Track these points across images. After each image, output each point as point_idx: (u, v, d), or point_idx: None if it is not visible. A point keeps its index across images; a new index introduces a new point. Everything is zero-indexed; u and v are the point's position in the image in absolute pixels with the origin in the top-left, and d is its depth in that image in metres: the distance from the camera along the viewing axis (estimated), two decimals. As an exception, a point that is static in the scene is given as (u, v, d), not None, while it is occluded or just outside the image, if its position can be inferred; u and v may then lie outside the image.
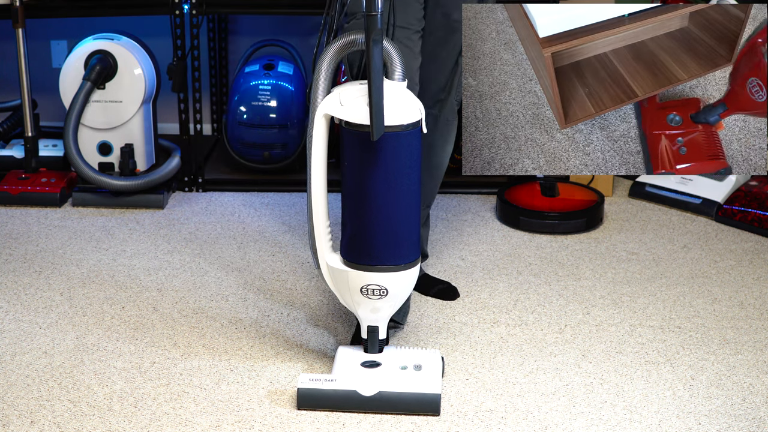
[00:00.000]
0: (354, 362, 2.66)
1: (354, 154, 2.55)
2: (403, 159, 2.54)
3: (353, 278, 2.61)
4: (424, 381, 2.58)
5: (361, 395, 2.55)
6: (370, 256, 2.59)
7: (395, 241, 2.59)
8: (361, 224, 2.59)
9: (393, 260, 2.60)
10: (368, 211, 2.57)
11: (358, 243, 2.60)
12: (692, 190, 4.03)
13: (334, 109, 2.53)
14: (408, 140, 2.53)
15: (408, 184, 2.57)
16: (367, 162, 2.53)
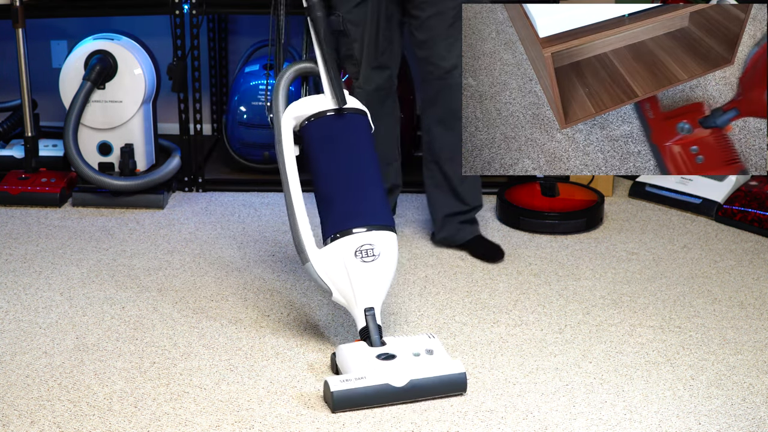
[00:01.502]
0: (368, 357, 2.67)
1: (322, 141, 2.90)
2: (362, 135, 2.93)
3: (344, 245, 2.76)
4: (446, 363, 2.66)
5: (394, 387, 2.59)
6: (353, 219, 2.79)
7: (372, 204, 2.85)
8: (339, 196, 2.84)
9: (374, 220, 2.81)
10: (342, 180, 2.86)
11: (340, 214, 2.81)
12: (692, 190, 4.03)
13: (298, 110, 2.93)
14: (362, 121, 2.95)
15: (370, 159, 2.91)
16: (334, 139, 2.90)
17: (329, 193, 2.87)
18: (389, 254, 2.80)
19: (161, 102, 4.23)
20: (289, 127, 2.92)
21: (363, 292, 2.76)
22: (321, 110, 2.91)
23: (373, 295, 2.77)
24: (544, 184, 3.97)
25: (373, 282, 2.77)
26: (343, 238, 2.78)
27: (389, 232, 2.82)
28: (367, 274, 2.76)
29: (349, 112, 2.93)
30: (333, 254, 2.78)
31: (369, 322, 2.74)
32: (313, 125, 2.91)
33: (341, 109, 2.91)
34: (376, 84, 3.36)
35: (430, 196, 3.61)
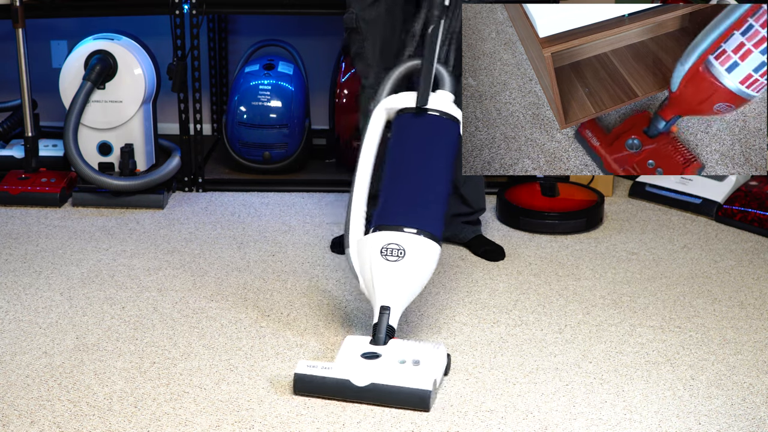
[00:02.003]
0: (355, 352, 2.69)
1: (399, 134, 2.92)
2: (439, 139, 2.92)
3: (375, 239, 2.78)
4: (417, 376, 2.61)
5: (354, 385, 2.60)
6: (395, 216, 2.81)
7: (420, 208, 2.83)
8: (393, 190, 2.87)
9: (413, 223, 2.79)
10: (400, 178, 2.88)
11: (387, 208, 2.84)
12: (692, 190, 4.03)
13: (391, 103, 2.95)
14: (445, 126, 2.93)
15: (439, 164, 2.90)
16: (408, 136, 2.92)
17: (386, 186, 2.89)
18: (418, 260, 2.76)
19: (161, 102, 4.23)
20: (380, 116, 2.95)
21: (381, 290, 2.76)
22: (406, 107, 2.93)
23: (391, 295, 2.75)
24: (544, 184, 3.97)
25: (392, 282, 2.75)
26: (377, 232, 2.80)
27: (425, 239, 2.79)
28: (387, 272, 2.75)
29: (436, 115, 2.92)
30: (365, 246, 2.81)
31: (381, 320, 2.74)
32: (397, 119, 2.94)
33: (425, 110, 2.91)
34: None
35: None
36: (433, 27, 2.94)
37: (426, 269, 2.79)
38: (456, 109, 2.97)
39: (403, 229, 2.78)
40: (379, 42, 3.31)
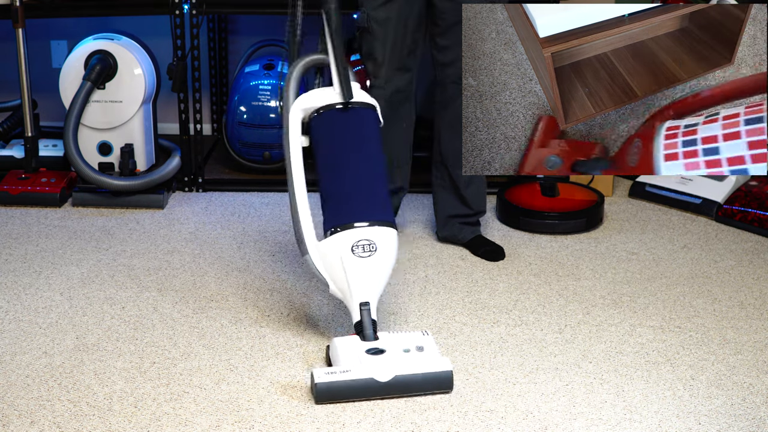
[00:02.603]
0: (357, 351, 2.69)
1: (328, 133, 2.91)
2: (368, 130, 2.92)
3: (343, 239, 2.77)
4: (433, 360, 2.66)
5: (379, 381, 2.61)
6: (353, 213, 2.81)
7: (373, 199, 2.85)
8: (342, 190, 2.85)
9: (375, 215, 2.81)
10: (346, 174, 2.87)
11: (342, 208, 2.83)
12: (692, 190, 4.03)
13: (306, 103, 2.93)
14: (369, 115, 2.94)
15: (375, 154, 2.91)
16: (339, 132, 2.91)
17: (330, 186, 2.88)
18: (387, 250, 2.80)
19: (161, 102, 4.23)
20: (297, 119, 2.93)
21: (358, 287, 2.77)
22: (327, 103, 2.91)
23: (369, 289, 2.78)
24: (544, 184, 3.97)
25: (369, 277, 2.77)
26: (341, 232, 2.78)
27: (388, 228, 2.82)
28: (363, 269, 2.76)
29: (357, 106, 2.92)
30: (331, 248, 2.79)
31: (363, 317, 2.75)
32: (319, 118, 2.92)
33: (348, 103, 2.90)
34: (396, 86, 3.38)
35: (436, 196, 3.63)
36: (335, 18, 2.91)
37: (394, 256, 2.83)
38: (368, 96, 2.97)
39: (368, 224, 2.78)
40: (389, 42, 3.31)
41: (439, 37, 3.38)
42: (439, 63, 3.43)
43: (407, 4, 3.29)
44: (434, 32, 3.39)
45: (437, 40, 3.39)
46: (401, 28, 3.31)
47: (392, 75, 3.36)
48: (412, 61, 3.40)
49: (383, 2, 3.28)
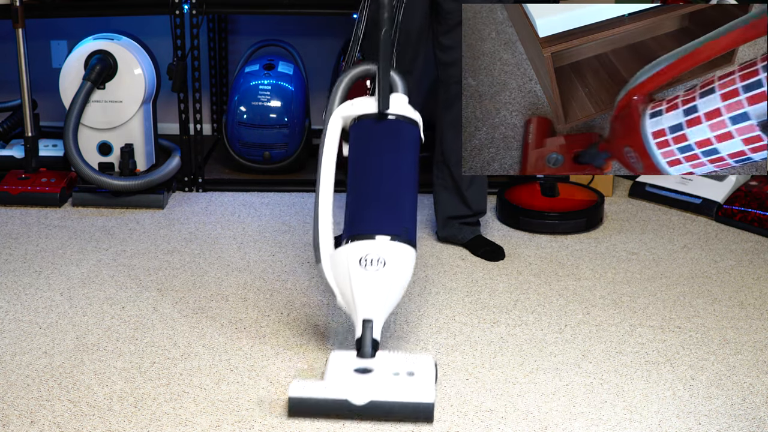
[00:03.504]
0: (346, 368, 2.59)
1: (359, 141, 2.85)
2: (402, 143, 2.85)
3: (353, 250, 2.68)
4: (417, 389, 2.52)
5: (353, 404, 2.50)
6: (369, 224, 2.72)
7: (393, 212, 2.75)
8: (363, 198, 2.78)
9: (391, 230, 2.70)
10: (368, 184, 2.79)
11: (359, 217, 2.74)
12: (692, 190, 4.03)
13: (346, 110, 2.87)
14: (407, 129, 2.86)
15: (405, 168, 2.83)
16: (370, 142, 2.84)
17: (353, 195, 2.80)
18: (398, 267, 2.67)
19: (161, 102, 4.23)
20: (336, 126, 2.87)
21: (363, 302, 2.65)
22: (365, 113, 2.85)
23: (374, 306, 2.65)
24: (544, 184, 3.98)
25: (375, 293, 2.65)
26: (352, 242, 2.69)
27: (403, 245, 2.70)
28: (369, 283, 2.64)
29: (397, 119, 2.84)
30: (341, 258, 2.70)
31: (364, 334, 2.62)
32: (355, 126, 2.86)
33: (385, 114, 2.83)
34: None
35: (437, 196, 3.63)
36: (385, 30, 2.81)
37: (406, 276, 2.70)
38: (413, 111, 2.89)
39: (380, 237, 2.68)
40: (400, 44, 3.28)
41: (443, 37, 3.38)
42: (443, 63, 3.43)
43: (413, 5, 3.29)
44: (438, 32, 3.39)
45: (441, 39, 3.39)
46: (407, 31, 3.30)
47: None
48: (415, 65, 3.40)
49: None
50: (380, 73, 2.83)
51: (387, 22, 2.81)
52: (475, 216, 3.62)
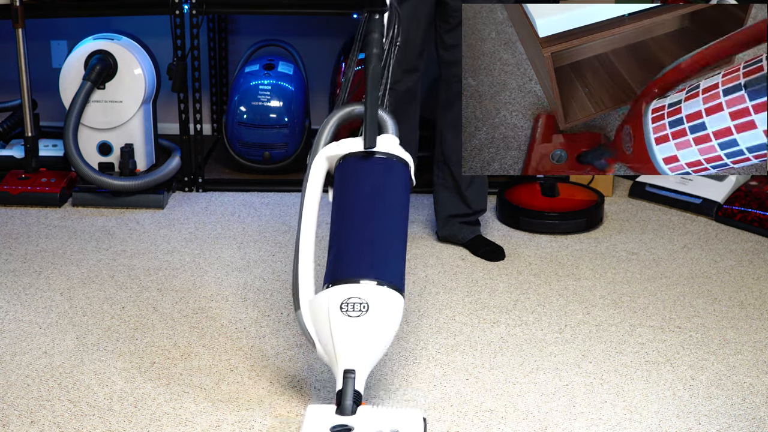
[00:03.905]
0: (324, 426, 2.34)
1: (343, 181, 2.65)
2: (390, 182, 2.65)
3: (332, 295, 2.45)
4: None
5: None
6: (352, 268, 2.50)
7: (378, 257, 2.54)
8: (347, 240, 2.56)
9: (375, 274, 2.48)
10: (352, 226, 2.58)
11: (342, 260, 2.53)
12: (692, 190, 4.03)
13: (332, 150, 2.67)
14: (396, 168, 2.66)
15: (393, 209, 2.63)
16: (356, 180, 2.64)
17: (335, 237, 2.59)
18: (383, 314, 2.44)
19: (161, 102, 4.23)
20: (320, 167, 2.68)
21: (344, 350, 2.42)
22: (351, 151, 2.65)
23: (355, 355, 2.41)
24: (544, 184, 3.98)
25: (357, 340, 2.42)
26: (333, 287, 2.46)
27: (389, 290, 2.46)
28: (350, 330, 2.41)
29: (385, 157, 2.64)
30: (321, 303, 2.47)
31: (345, 386, 2.39)
32: (341, 165, 2.66)
33: (372, 152, 2.63)
34: (406, 86, 3.37)
35: (437, 195, 3.63)
36: (373, 66, 2.70)
37: (392, 324, 2.46)
38: (405, 153, 2.69)
39: (364, 282, 2.45)
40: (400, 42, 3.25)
41: (447, 35, 3.38)
42: (445, 61, 3.43)
43: (419, 5, 3.29)
44: (442, 30, 3.39)
45: (445, 38, 3.39)
46: (412, 30, 3.30)
47: (402, 76, 3.35)
48: (421, 62, 3.40)
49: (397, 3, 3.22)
50: (367, 107, 2.65)
51: (375, 59, 2.71)
52: (475, 215, 3.62)
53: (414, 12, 3.29)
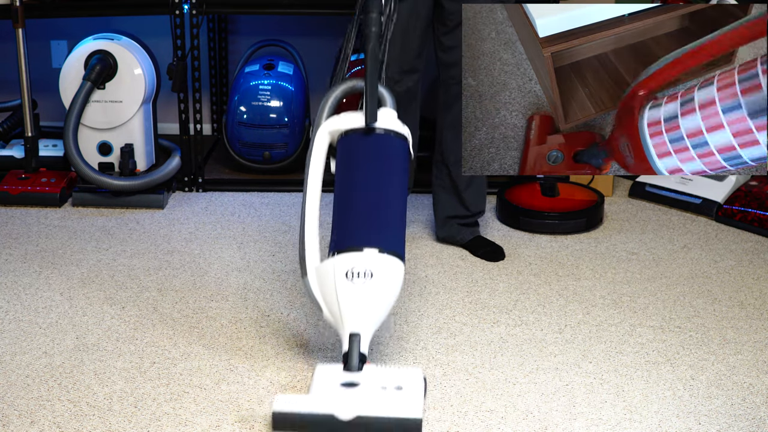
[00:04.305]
0: (332, 382, 2.51)
1: (346, 155, 2.80)
2: (390, 156, 2.80)
3: (339, 263, 2.62)
4: (405, 404, 2.44)
5: (339, 419, 2.42)
6: (356, 237, 2.67)
7: (380, 227, 2.71)
8: (350, 212, 2.73)
9: (378, 243, 2.65)
10: (355, 197, 2.74)
11: (346, 230, 2.70)
12: (692, 190, 4.03)
13: (334, 125, 2.83)
14: (396, 143, 2.81)
15: (393, 182, 2.78)
16: (358, 156, 2.79)
17: (340, 208, 2.75)
18: (386, 280, 2.61)
19: (161, 102, 4.23)
20: (323, 140, 2.83)
21: (349, 315, 2.59)
22: (352, 127, 2.80)
23: (361, 320, 2.59)
24: (544, 184, 3.98)
25: (362, 306, 2.59)
26: (338, 255, 2.64)
27: (392, 258, 2.64)
28: (356, 296, 2.59)
29: (385, 132, 2.79)
30: (327, 270, 2.64)
31: (351, 347, 2.56)
32: (343, 140, 2.81)
33: (373, 128, 2.78)
34: (405, 86, 3.37)
35: (436, 196, 3.63)
36: (372, 45, 2.81)
37: (394, 289, 2.64)
38: (403, 126, 2.84)
39: (368, 250, 2.63)
40: (398, 43, 3.30)
41: (445, 37, 3.38)
42: (444, 63, 3.43)
43: (417, 6, 3.29)
44: (440, 32, 3.39)
45: (443, 40, 3.39)
46: (410, 30, 3.30)
47: (401, 76, 3.35)
48: (420, 62, 3.40)
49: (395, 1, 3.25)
50: (367, 86, 2.78)
51: (374, 37, 2.81)
52: (473, 217, 3.62)
53: (412, 12, 3.29)
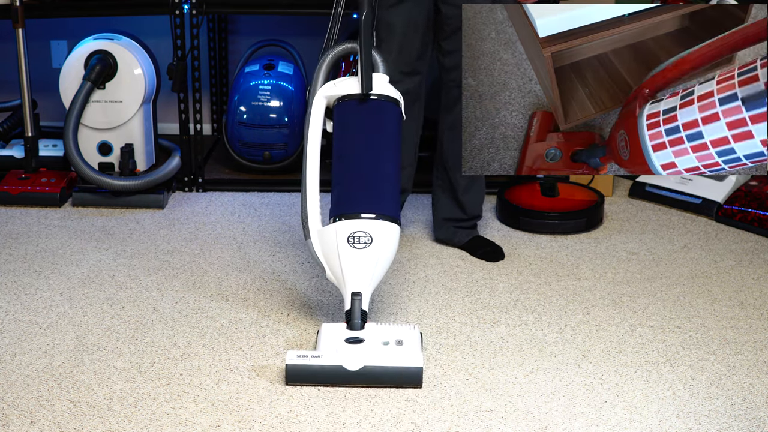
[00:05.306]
0: (338, 338, 2.76)
1: (344, 122, 2.98)
2: (385, 123, 2.97)
3: (340, 228, 2.85)
4: (407, 355, 2.70)
5: (347, 370, 2.67)
6: (355, 204, 2.88)
7: (378, 193, 2.91)
8: (348, 179, 2.93)
9: (376, 209, 2.87)
10: (354, 164, 2.93)
11: (345, 197, 2.91)
12: (692, 190, 4.03)
13: (330, 90, 3.00)
14: (390, 109, 2.98)
15: (388, 147, 2.96)
16: (355, 123, 2.97)
17: (339, 174, 2.94)
18: (384, 244, 2.85)
19: (161, 102, 4.23)
20: (320, 105, 3.01)
21: (351, 277, 2.83)
22: (348, 93, 2.97)
23: (362, 280, 2.83)
24: (544, 184, 3.97)
25: (363, 268, 2.83)
26: (340, 221, 2.86)
27: (388, 223, 2.87)
28: (357, 260, 2.82)
29: (379, 99, 2.96)
30: (330, 235, 2.87)
31: (353, 306, 2.80)
32: (339, 107, 2.99)
33: (368, 95, 2.95)
34: (405, 88, 3.36)
35: (434, 197, 3.64)
36: (366, 12, 2.94)
37: (391, 250, 2.88)
38: (394, 91, 3.00)
39: (366, 216, 2.85)
40: (396, 45, 3.30)
41: (444, 42, 3.38)
42: (444, 67, 3.43)
43: (415, 8, 3.29)
44: (440, 37, 3.39)
45: (442, 44, 3.39)
46: (409, 32, 3.30)
47: (401, 78, 3.34)
48: (421, 64, 3.40)
49: (392, 5, 3.26)
50: (362, 55, 2.93)
51: (367, 5, 2.94)
52: (470, 220, 3.62)
53: (410, 15, 3.29)
